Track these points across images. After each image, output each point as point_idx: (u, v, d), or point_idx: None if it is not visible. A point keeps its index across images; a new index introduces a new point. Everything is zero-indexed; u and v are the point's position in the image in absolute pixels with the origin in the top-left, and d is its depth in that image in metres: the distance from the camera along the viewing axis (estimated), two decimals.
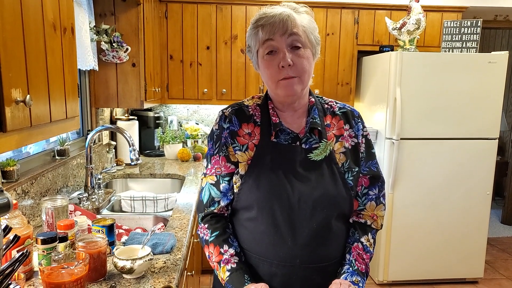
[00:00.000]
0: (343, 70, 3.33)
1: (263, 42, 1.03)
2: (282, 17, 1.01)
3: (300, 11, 1.06)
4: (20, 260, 0.89)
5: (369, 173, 1.14)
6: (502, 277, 3.26)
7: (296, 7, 1.06)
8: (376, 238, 1.17)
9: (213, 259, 1.09)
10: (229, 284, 1.05)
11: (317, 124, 1.09)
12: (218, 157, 1.12)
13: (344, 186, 1.08)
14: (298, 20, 1.03)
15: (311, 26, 1.06)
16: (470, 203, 3.02)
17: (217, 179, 1.12)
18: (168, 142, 3.17)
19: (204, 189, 1.14)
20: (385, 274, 3.04)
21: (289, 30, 1.01)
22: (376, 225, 1.15)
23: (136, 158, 1.99)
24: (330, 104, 1.17)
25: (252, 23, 1.06)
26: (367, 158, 1.15)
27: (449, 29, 3.05)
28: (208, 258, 1.12)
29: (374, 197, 1.15)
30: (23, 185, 1.54)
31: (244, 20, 3.18)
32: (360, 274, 1.07)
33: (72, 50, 1.22)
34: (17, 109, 0.86)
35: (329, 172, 1.07)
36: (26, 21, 0.90)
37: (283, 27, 1.00)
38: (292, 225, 1.04)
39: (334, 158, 1.09)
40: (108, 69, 2.41)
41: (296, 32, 1.01)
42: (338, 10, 3.24)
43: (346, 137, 1.13)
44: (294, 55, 1.02)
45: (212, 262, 1.10)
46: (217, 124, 1.14)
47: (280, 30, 1.01)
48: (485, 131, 2.96)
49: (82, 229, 1.39)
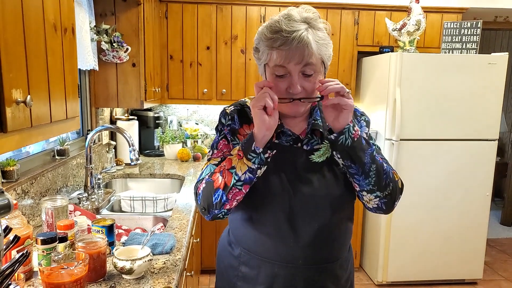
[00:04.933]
0: (343, 70, 3.33)
1: (275, 65, 0.99)
2: (300, 45, 0.95)
3: (318, 27, 1.00)
4: (20, 261, 0.89)
5: None
6: (501, 278, 3.27)
7: (313, 21, 0.99)
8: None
9: (221, 173, 1.00)
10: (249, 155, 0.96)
11: (318, 126, 1.08)
12: (226, 141, 1.10)
13: (346, 187, 1.07)
14: (315, 48, 0.97)
15: (327, 46, 1.01)
16: (469, 204, 3.02)
17: (221, 159, 1.09)
18: (168, 142, 3.18)
19: (204, 170, 1.10)
20: (384, 275, 3.04)
21: (305, 59, 0.97)
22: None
23: (136, 158, 1.99)
24: None
25: (267, 37, 0.99)
26: None
27: (449, 30, 3.05)
28: (214, 182, 1.02)
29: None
30: (23, 185, 1.54)
31: (244, 20, 3.18)
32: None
33: (73, 51, 1.22)
34: (17, 110, 0.86)
35: (331, 173, 1.07)
36: (27, 22, 0.90)
37: (300, 56, 0.96)
38: (293, 226, 1.04)
39: (336, 160, 1.08)
40: (108, 69, 2.41)
41: (311, 62, 0.97)
42: (338, 11, 3.24)
43: None
44: (304, 80, 1.00)
45: (225, 171, 0.99)
46: (219, 120, 1.13)
47: (296, 59, 0.96)
48: (485, 132, 2.96)
49: (82, 229, 1.39)
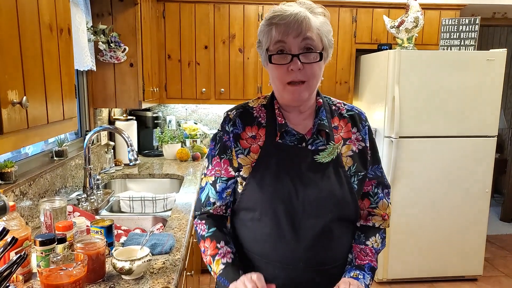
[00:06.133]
0: (341, 68, 3.33)
1: (275, 42, 1.00)
2: (297, 18, 0.97)
3: (317, 12, 1.02)
4: (18, 262, 0.89)
5: (374, 177, 1.14)
6: (501, 274, 3.27)
7: (312, 7, 1.02)
8: None
9: (207, 252, 1.08)
10: (221, 277, 1.03)
11: (325, 126, 1.07)
12: (219, 159, 1.11)
13: (350, 190, 1.07)
14: (313, 23, 0.99)
15: (326, 29, 1.02)
16: (469, 200, 3.02)
17: (215, 179, 1.12)
18: (167, 142, 3.17)
19: (204, 188, 1.14)
20: (385, 273, 3.05)
21: (303, 33, 0.97)
22: (385, 225, 1.16)
23: (135, 158, 1.99)
24: (338, 106, 1.14)
25: (266, 19, 1.02)
26: (373, 162, 1.14)
27: (447, 27, 3.05)
28: (202, 253, 1.11)
29: (384, 197, 1.15)
30: (21, 186, 1.53)
31: (242, 19, 3.17)
32: (360, 268, 1.07)
33: (69, 51, 1.22)
34: (13, 111, 0.86)
35: (336, 175, 1.06)
36: (22, 22, 0.90)
37: (298, 28, 0.97)
38: (295, 228, 1.03)
39: (341, 161, 1.07)
40: (106, 69, 2.41)
41: (309, 36, 0.98)
42: (336, 8, 3.23)
43: (353, 140, 1.11)
44: (305, 58, 0.99)
45: (206, 255, 1.09)
46: (221, 126, 1.13)
47: (294, 32, 0.97)
48: (484, 129, 2.96)
49: (80, 230, 1.39)
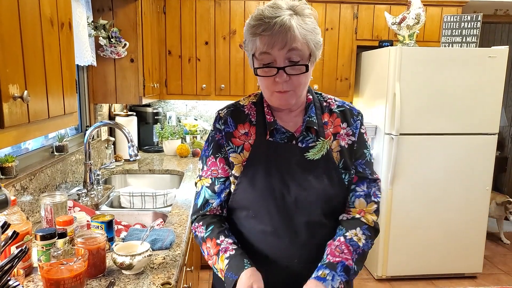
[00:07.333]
0: (342, 65, 3.32)
1: (260, 53, 0.97)
2: (282, 29, 0.92)
3: (305, 13, 0.97)
4: (19, 257, 0.89)
5: (355, 172, 1.09)
6: (500, 272, 3.28)
7: (298, 9, 0.97)
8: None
9: (211, 252, 1.04)
10: (229, 272, 0.98)
11: (313, 123, 1.07)
12: (214, 158, 1.10)
13: (341, 186, 1.06)
14: (299, 31, 0.94)
15: (313, 32, 0.98)
16: (469, 198, 3.02)
17: (212, 181, 1.10)
18: (167, 138, 3.17)
19: (199, 193, 1.12)
20: (384, 270, 3.05)
21: (288, 44, 0.93)
22: (366, 220, 1.07)
23: (135, 154, 1.99)
24: (329, 102, 1.13)
25: (250, 25, 0.97)
26: (355, 156, 1.09)
27: (449, 24, 3.04)
28: (206, 256, 1.06)
29: (363, 194, 1.08)
30: (22, 181, 1.53)
31: (243, 15, 3.16)
32: (331, 267, 0.98)
33: (70, 46, 1.22)
34: (14, 105, 0.85)
35: (326, 171, 1.05)
36: (23, 16, 0.90)
37: (282, 40, 0.93)
38: (289, 225, 1.04)
39: (332, 157, 1.06)
40: (106, 64, 2.40)
41: (295, 47, 0.94)
42: (337, 5, 3.22)
43: (342, 135, 1.08)
44: (291, 70, 0.97)
45: (210, 256, 1.04)
46: (213, 125, 1.12)
47: (279, 44, 0.93)
48: (485, 126, 2.96)
49: (81, 225, 1.39)
